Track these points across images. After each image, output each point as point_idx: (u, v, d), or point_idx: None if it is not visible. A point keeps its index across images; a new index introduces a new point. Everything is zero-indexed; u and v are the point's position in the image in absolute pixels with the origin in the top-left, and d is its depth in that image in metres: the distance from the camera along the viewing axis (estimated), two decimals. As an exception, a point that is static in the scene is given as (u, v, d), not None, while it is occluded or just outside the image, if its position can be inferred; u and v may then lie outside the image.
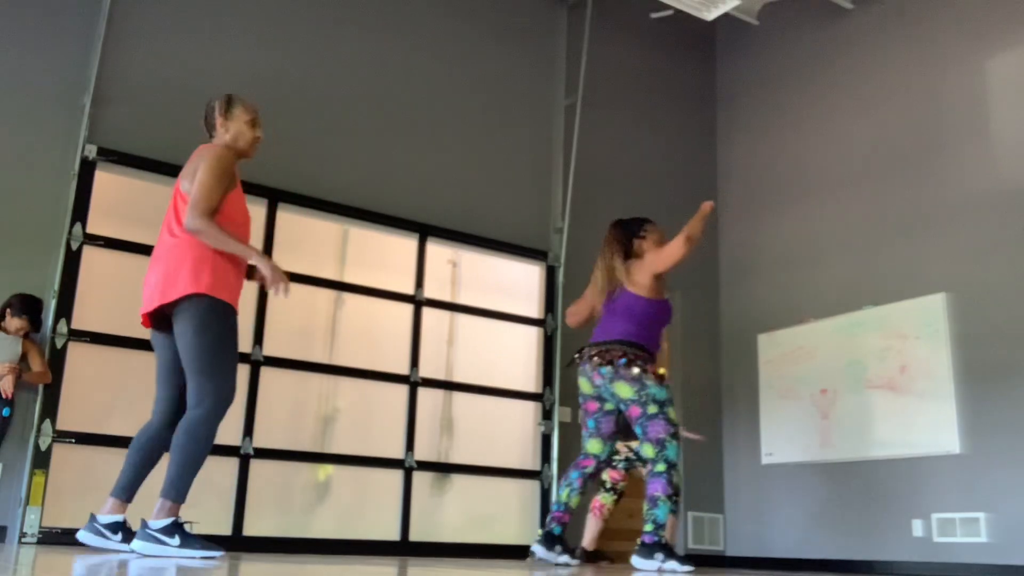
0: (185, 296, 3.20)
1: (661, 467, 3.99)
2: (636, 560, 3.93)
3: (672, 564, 3.86)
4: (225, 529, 5.09)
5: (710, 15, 6.63)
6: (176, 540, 3.09)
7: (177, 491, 3.15)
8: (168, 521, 3.12)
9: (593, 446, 4.30)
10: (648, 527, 3.95)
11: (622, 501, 5.18)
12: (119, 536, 3.29)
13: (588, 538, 4.72)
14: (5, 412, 4.53)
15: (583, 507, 5.87)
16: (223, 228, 3.23)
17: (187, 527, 3.17)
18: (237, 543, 5.07)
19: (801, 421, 6.53)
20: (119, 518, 3.33)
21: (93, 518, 3.32)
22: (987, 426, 5.47)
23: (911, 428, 5.83)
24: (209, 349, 3.18)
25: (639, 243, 4.40)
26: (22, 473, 4.61)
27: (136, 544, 3.11)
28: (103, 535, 3.29)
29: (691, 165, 7.58)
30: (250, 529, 5.16)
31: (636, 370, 4.05)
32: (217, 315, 3.21)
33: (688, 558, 4.01)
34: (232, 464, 5.21)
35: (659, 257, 4.23)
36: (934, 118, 6.17)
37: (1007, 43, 5.86)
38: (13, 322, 4.58)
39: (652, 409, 4.04)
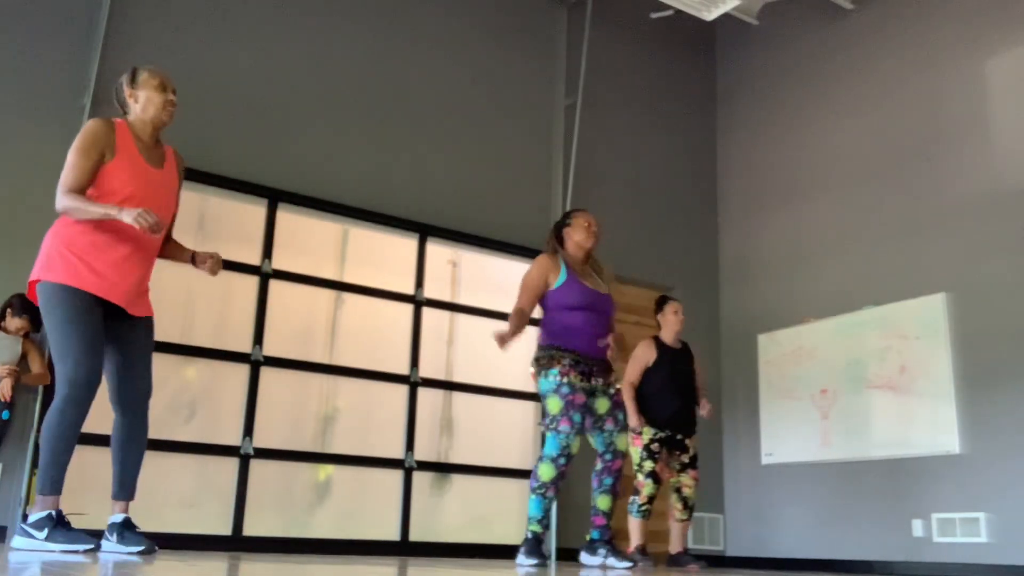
0: (33, 284, 3.19)
1: (537, 461, 4.01)
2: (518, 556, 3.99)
3: (520, 558, 3.92)
4: (225, 529, 5.09)
5: (710, 15, 6.63)
6: (43, 533, 3.01)
7: (42, 484, 3.08)
8: (42, 515, 3.05)
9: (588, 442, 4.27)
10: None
11: (626, 501, 5.22)
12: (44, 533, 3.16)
13: (671, 540, 5.27)
14: (4, 415, 4.52)
15: (575, 504, 5.89)
16: (81, 197, 3.08)
17: (67, 519, 3.10)
18: (237, 543, 5.07)
19: (801, 421, 6.54)
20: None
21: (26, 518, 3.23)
22: (987, 426, 5.47)
23: (911, 428, 5.83)
24: (53, 334, 3.10)
25: (567, 231, 4.31)
26: (22, 473, 4.61)
27: (15, 540, 3.07)
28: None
29: (691, 165, 7.59)
30: (250, 529, 5.15)
31: (532, 369, 4.13)
32: (58, 299, 3.10)
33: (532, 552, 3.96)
34: (232, 464, 5.21)
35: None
36: (934, 118, 6.18)
37: (1007, 43, 5.86)
38: (13, 322, 4.58)
39: (542, 401, 4.09)
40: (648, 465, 5.09)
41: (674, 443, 5.17)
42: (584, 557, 4.09)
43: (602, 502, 4.08)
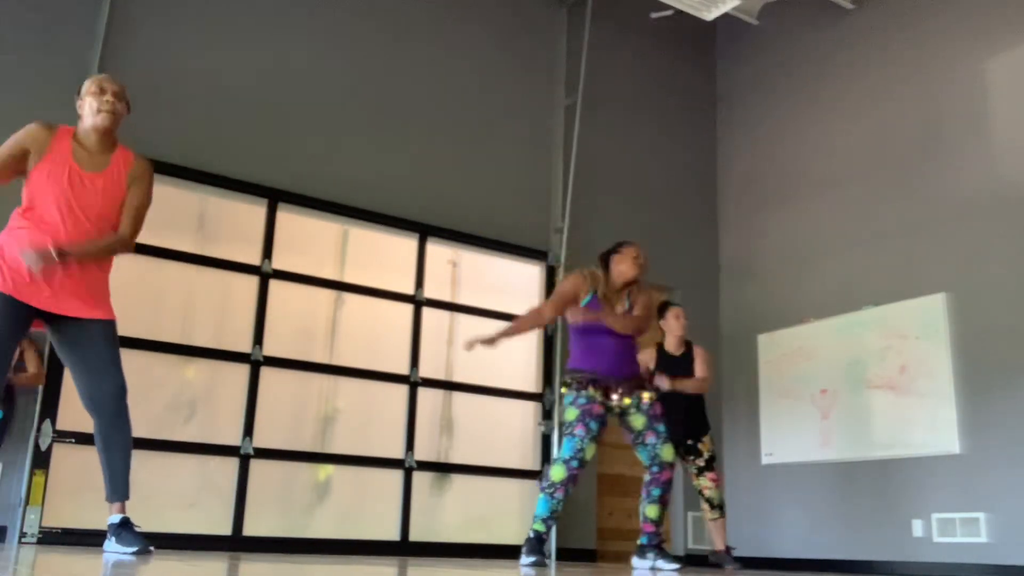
0: None
1: (551, 463, 4.14)
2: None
3: (521, 557, 4.03)
4: (225, 529, 5.09)
5: (710, 15, 6.63)
6: None
7: None
8: None
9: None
10: None
11: (626, 501, 5.26)
12: None
13: (713, 540, 5.36)
14: None
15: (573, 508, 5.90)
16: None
17: None
18: (237, 543, 5.07)
19: (801, 421, 6.53)
20: None
21: None
22: (987, 426, 5.47)
23: (911, 428, 5.83)
24: None
25: (614, 258, 4.33)
26: (22, 473, 4.61)
27: None
28: None
29: (691, 165, 7.59)
30: (250, 529, 5.15)
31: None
32: None
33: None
34: (232, 464, 5.21)
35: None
36: (934, 118, 6.17)
37: (1007, 43, 5.86)
38: None
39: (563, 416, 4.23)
40: None
41: (686, 448, 5.19)
42: (635, 561, 4.20)
43: (651, 511, 4.16)
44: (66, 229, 3.23)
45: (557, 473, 4.02)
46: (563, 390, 4.20)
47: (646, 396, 4.17)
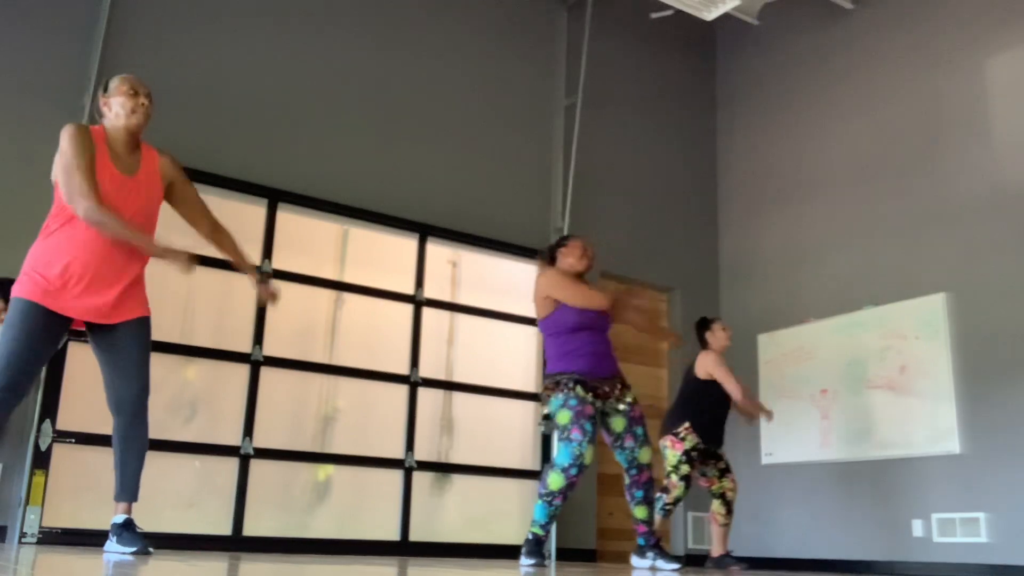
0: None
1: (548, 468, 4.07)
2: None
3: (521, 558, 3.99)
4: (225, 529, 5.09)
5: (710, 15, 6.63)
6: None
7: None
8: None
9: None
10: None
11: (626, 501, 5.26)
12: None
13: (713, 544, 5.43)
14: None
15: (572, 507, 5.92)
16: (112, 213, 3.13)
17: None
18: (237, 543, 5.07)
19: (801, 421, 6.54)
20: None
21: None
22: (987, 426, 5.47)
23: (911, 428, 5.83)
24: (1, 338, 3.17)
25: (561, 252, 4.28)
26: (22, 473, 4.61)
27: None
28: None
29: (691, 165, 7.59)
30: (250, 529, 5.15)
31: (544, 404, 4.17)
32: (13, 310, 3.16)
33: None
34: (232, 464, 5.21)
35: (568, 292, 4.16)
36: (934, 118, 6.18)
37: (1007, 43, 5.86)
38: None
39: (553, 420, 4.13)
40: (685, 469, 5.25)
41: (709, 454, 5.37)
42: (634, 560, 4.21)
43: (639, 512, 4.16)
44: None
45: (555, 482, 3.91)
46: (547, 393, 4.07)
47: (628, 397, 4.14)
